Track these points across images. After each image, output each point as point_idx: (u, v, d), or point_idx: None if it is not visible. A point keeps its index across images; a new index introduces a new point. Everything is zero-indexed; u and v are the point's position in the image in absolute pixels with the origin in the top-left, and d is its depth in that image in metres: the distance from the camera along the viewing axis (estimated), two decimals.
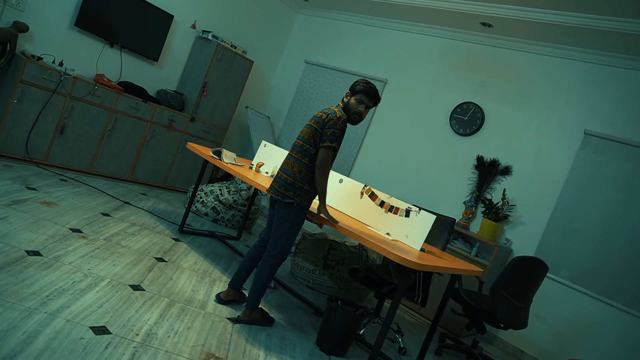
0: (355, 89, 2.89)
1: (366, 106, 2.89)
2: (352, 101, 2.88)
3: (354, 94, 2.90)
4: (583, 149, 4.49)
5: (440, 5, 4.99)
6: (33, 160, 4.46)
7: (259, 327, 2.91)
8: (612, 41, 4.22)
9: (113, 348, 2.06)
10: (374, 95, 2.90)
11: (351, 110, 2.87)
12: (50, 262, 2.63)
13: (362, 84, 2.89)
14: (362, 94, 2.86)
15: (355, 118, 2.89)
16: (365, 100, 2.87)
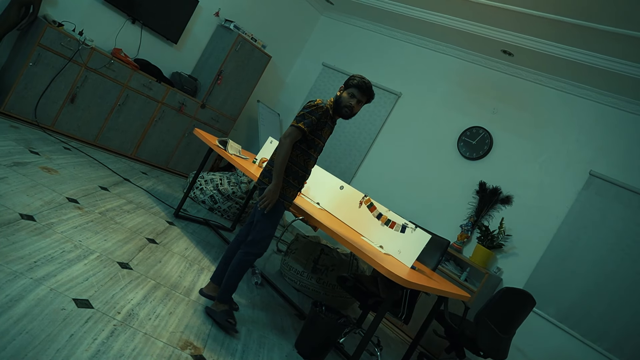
0: (348, 83, 2.84)
1: (358, 100, 2.82)
2: (344, 95, 2.83)
3: (347, 87, 2.85)
4: (586, 189, 4.48)
5: (464, 27, 5.00)
6: (40, 125, 4.46)
7: (242, 322, 2.89)
8: (631, 87, 4.22)
9: (93, 323, 2.05)
10: (367, 90, 2.82)
11: (342, 103, 2.81)
12: (42, 229, 2.63)
13: (356, 78, 2.83)
14: (355, 87, 2.80)
15: (346, 112, 2.82)
16: (357, 94, 2.80)
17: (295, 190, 2.84)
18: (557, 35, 4.21)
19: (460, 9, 4.76)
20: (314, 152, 2.84)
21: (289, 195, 2.81)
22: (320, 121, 2.78)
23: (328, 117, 2.82)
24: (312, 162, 2.87)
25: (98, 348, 1.92)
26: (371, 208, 3.42)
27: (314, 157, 2.86)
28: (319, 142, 2.84)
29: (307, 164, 2.83)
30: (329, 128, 2.89)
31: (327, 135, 2.91)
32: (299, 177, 2.82)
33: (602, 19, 3.66)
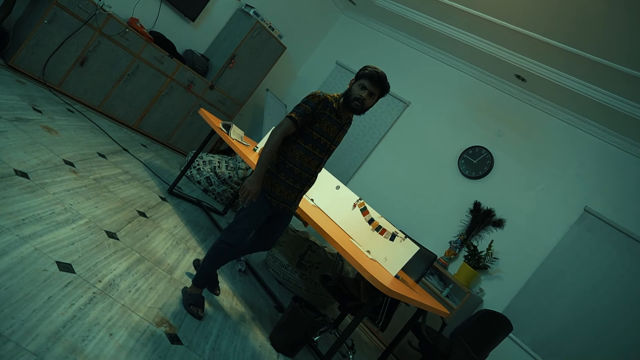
0: (359, 73, 2.59)
1: (370, 93, 2.55)
2: (354, 86, 2.59)
3: (357, 78, 2.60)
4: (579, 224, 4.50)
5: (481, 46, 5.00)
6: (47, 84, 4.44)
7: (220, 307, 2.89)
8: (638, 129, 4.24)
9: (72, 288, 2.05)
10: (380, 81, 2.55)
11: (352, 95, 2.56)
12: (35, 187, 2.63)
13: (368, 67, 2.58)
14: (366, 78, 2.54)
15: (356, 105, 2.56)
16: (368, 85, 2.54)
17: (289, 189, 2.61)
18: (572, 68, 4.22)
19: (480, 27, 4.76)
20: (313, 149, 2.59)
21: (277, 192, 2.59)
22: (317, 112, 2.55)
23: (328, 109, 2.57)
24: (313, 161, 2.61)
25: (74, 313, 1.92)
26: (364, 212, 3.43)
27: (315, 154, 2.61)
28: (319, 137, 2.58)
29: (305, 162, 2.60)
30: (333, 123, 2.60)
31: (333, 131, 2.61)
32: (294, 175, 2.60)
33: (619, 59, 3.68)
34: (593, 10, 3.41)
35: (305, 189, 2.72)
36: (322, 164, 2.70)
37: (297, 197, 2.69)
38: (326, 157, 2.71)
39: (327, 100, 2.58)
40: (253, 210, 2.62)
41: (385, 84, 2.59)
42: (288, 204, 2.67)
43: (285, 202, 2.64)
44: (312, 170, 2.65)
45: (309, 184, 2.71)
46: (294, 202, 2.71)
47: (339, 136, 2.68)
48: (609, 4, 3.27)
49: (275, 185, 2.59)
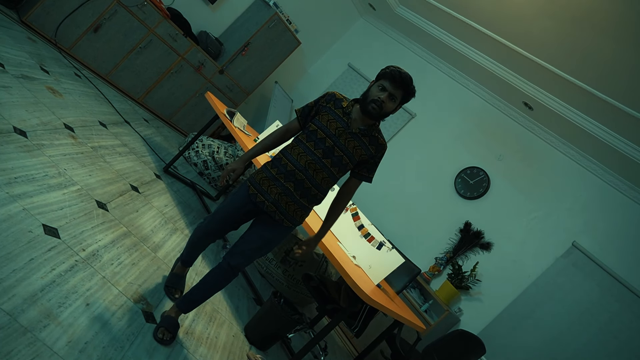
0: (379, 73, 2.31)
1: (390, 95, 2.22)
2: (373, 87, 2.29)
3: (377, 79, 2.31)
4: (565, 257, 4.53)
5: (494, 68, 5.02)
6: (57, 45, 4.42)
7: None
8: (636, 173, 4.26)
9: (55, 253, 2.05)
10: (401, 82, 2.22)
11: (369, 97, 2.25)
12: (32, 147, 2.61)
13: (390, 67, 2.27)
14: (385, 78, 2.24)
15: (372, 108, 2.21)
16: (388, 86, 2.22)
17: (270, 180, 2.28)
18: (580, 103, 4.25)
19: (495, 50, 4.78)
20: (307, 140, 2.26)
21: (257, 179, 2.31)
22: (320, 104, 2.35)
23: (332, 103, 2.32)
24: (303, 153, 2.24)
25: (54, 279, 1.91)
26: (355, 217, 3.44)
27: (308, 147, 2.25)
28: (315, 129, 2.26)
29: (294, 152, 2.26)
30: (337, 119, 2.26)
31: (335, 128, 2.25)
32: (280, 165, 2.27)
33: (628, 102, 3.69)
34: (605, 49, 3.42)
35: (289, 187, 2.25)
36: (316, 162, 2.23)
37: (278, 194, 2.25)
38: (324, 157, 2.24)
39: (334, 95, 2.37)
40: (230, 195, 2.42)
41: (409, 86, 2.26)
42: (265, 196, 2.26)
43: (262, 193, 2.27)
44: (301, 164, 2.23)
45: (296, 181, 2.24)
46: (274, 199, 2.26)
47: (344, 138, 2.25)
48: (622, 48, 3.29)
49: (259, 172, 2.35)
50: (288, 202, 2.28)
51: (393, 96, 2.25)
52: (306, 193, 2.29)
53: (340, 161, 2.27)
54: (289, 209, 2.30)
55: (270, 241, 2.38)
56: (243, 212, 2.36)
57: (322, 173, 2.27)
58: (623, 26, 3.16)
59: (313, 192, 2.30)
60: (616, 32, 3.26)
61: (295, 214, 2.33)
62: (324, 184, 2.31)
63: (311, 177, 2.26)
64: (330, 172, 2.28)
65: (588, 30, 3.45)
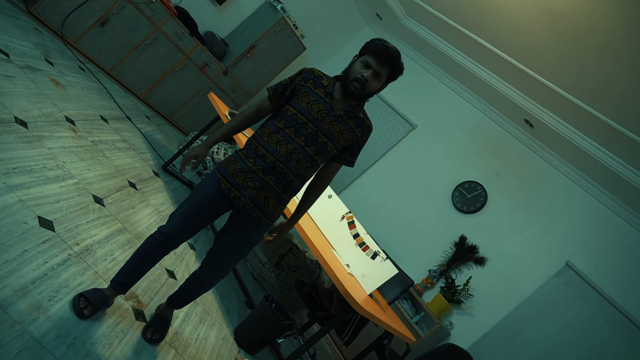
0: (363, 47, 2.06)
1: (374, 72, 1.99)
2: (355, 63, 2.05)
3: (361, 53, 2.08)
4: (558, 276, 4.53)
5: (496, 84, 5.03)
6: (63, 37, 4.43)
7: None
8: (635, 197, 4.27)
9: (49, 246, 2.04)
10: (388, 58, 1.98)
11: (351, 74, 2.01)
12: (31, 139, 2.61)
13: (374, 40, 2.04)
14: (370, 53, 2.01)
15: (355, 87, 1.98)
16: (372, 63, 1.98)
17: (246, 172, 1.99)
18: (580, 123, 4.26)
19: (499, 66, 4.80)
20: (286, 127, 1.98)
21: (229, 171, 2.01)
22: (296, 83, 2.05)
23: (311, 81, 2.04)
24: (283, 142, 1.97)
25: (46, 272, 1.91)
26: (351, 226, 3.44)
27: (288, 134, 1.97)
28: (294, 113, 1.98)
29: (272, 140, 1.98)
30: (318, 100, 2.00)
31: (317, 110, 1.98)
32: (257, 155, 1.99)
33: (628, 124, 3.71)
34: (607, 70, 3.44)
35: (269, 181, 1.98)
36: (298, 151, 1.97)
37: (256, 188, 1.98)
38: (307, 145, 1.98)
39: (311, 72, 2.07)
40: (197, 188, 2.09)
41: (396, 63, 2.01)
42: (241, 191, 1.98)
43: (236, 188, 1.98)
44: (282, 155, 1.96)
45: (276, 174, 1.98)
46: (251, 195, 1.99)
47: (328, 122, 1.99)
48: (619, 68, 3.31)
49: (231, 162, 2.04)
50: (267, 197, 2.01)
51: (378, 74, 2.01)
52: (288, 186, 2.03)
53: (324, 148, 2.02)
54: (268, 204, 2.03)
55: (249, 242, 2.13)
56: (213, 209, 2.05)
57: (305, 163, 2.01)
58: (624, 47, 3.18)
59: (295, 184, 2.05)
60: (615, 52, 3.28)
61: (275, 209, 2.07)
62: (307, 174, 2.06)
63: (294, 168, 1.99)
64: (313, 160, 2.03)
65: (591, 51, 3.47)
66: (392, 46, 2.01)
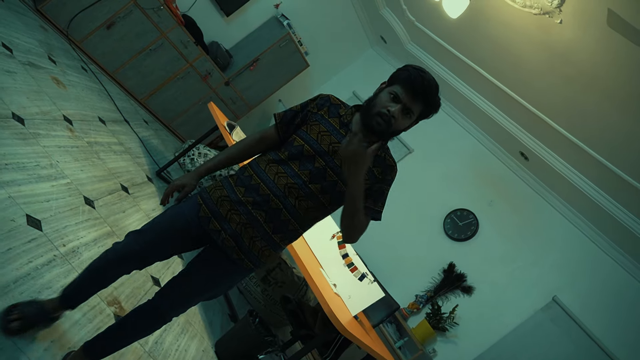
0: (394, 75, 1.74)
1: (404, 107, 1.66)
2: (382, 94, 1.72)
3: (390, 82, 1.75)
4: (544, 311, 4.52)
5: (495, 115, 5.08)
6: (69, 37, 4.44)
7: None
8: (625, 239, 4.28)
9: (35, 245, 2.02)
10: (422, 91, 1.64)
11: (376, 107, 1.68)
12: (27, 136, 2.60)
13: (408, 67, 1.70)
14: (401, 84, 1.66)
15: (377, 124, 1.65)
16: (403, 96, 1.65)
17: (232, 202, 1.68)
18: (578, 162, 4.29)
19: (498, 98, 4.84)
20: (289, 159, 1.69)
21: (214, 197, 1.71)
22: (308, 110, 1.79)
23: (326, 109, 1.78)
24: (283, 174, 1.68)
25: (29, 272, 1.88)
26: (340, 245, 3.42)
27: (290, 167, 1.68)
28: (301, 145, 1.69)
29: (270, 172, 1.69)
30: (331, 131, 1.71)
31: (328, 143, 1.69)
32: (249, 185, 1.69)
33: (622, 166, 3.73)
34: (604, 112, 3.49)
35: (258, 217, 1.67)
36: (299, 187, 1.66)
37: (241, 223, 1.66)
38: (312, 182, 1.67)
39: (328, 99, 1.82)
40: (170, 209, 1.80)
41: (433, 98, 1.70)
42: (222, 224, 1.67)
43: (218, 219, 1.68)
44: (279, 188, 1.66)
45: (269, 210, 1.67)
46: (234, 231, 1.66)
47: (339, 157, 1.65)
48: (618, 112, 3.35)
49: (218, 188, 1.74)
50: (253, 238, 1.68)
51: (409, 110, 1.67)
52: (281, 227, 1.70)
53: (333, 188, 1.68)
54: (253, 246, 1.69)
55: (221, 286, 1.79)
56: (184, 238, 1.73)
57: (306, 202, 1.68)
58: (624, 92, 3.23)
59: (292, 226, 1.71)
60: (612, 94, 3.33)
61: (262, 253, 1.72)
62: (307, 216, 1.72)
63: (291, 206, 1.67)
64: (318, 201, 1.69)
65: (591, 92, 3.52)
66: (430, 77, 1.67)
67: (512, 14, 3.63)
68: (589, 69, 3.36)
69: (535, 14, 3.35)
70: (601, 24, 2.88)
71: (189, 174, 1.83)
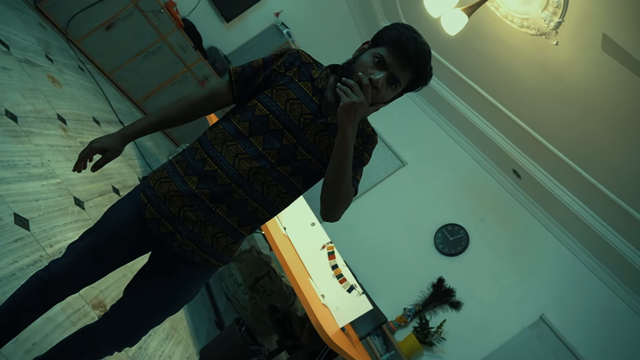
0: (380, 33, 1.41)
1: (391, 75, 1.34)
2: (364, 55, 1.40)
3: (374, 43, 1.42)
4: (532, 329, 4.53)
5: (488, 132, 5.11)
6: (67, 36, 4.43)
7: None
8: (614, 261, 4.30)
9: (21, 245, 2.00)
10: (413, 57, 1.32)
11: (355, 72, 1.34)
12: (19, 133, 2.58)
13: (399, 28, 1.35)
14: (389, 46, 1.34)
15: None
16: (390, 61, 1.33)
17: (183, 195, 1.36)
18: (570, 183, 4.32)
19: (493, 115, 4.88)
20: (249, 133, 1.37)
21: (160, 192, 1.38)
22: (274, 69, 1.42)
23: (296, 68, 1.41)
24: (244, 155, 1.36)
25: (14, 271, 1.86)
26: (330, 256, 3.42)
27: (251, 143, 1.36)
28: (264, 114, 1.37)
29: (227, 152, 1.37)
30: (302, 98, 1.38)
31: (297, 112, 1.36)
32: (202, 172, 1.37)
33: (616, 190, 3.76)
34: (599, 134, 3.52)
35: (220, 212, 1.37)
36: (266, 170, 1.36)
37: (199, 222, 1.37)
38: (280, 164, 1.37)
39: (297, 55, 1.43)
40: (110, 210, 1.48)
41: (425, 66, 1.37)
42: (176, 226, 1.37)
43: (169, 220, 1.37)
44: (241, 174, 1.35)
45: (232, 202, 1.37)
46: (191, 232, 1.38)
47: (313, 131, 1.38)
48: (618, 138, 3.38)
49: (164, 181, 1.40)
50: (216, 235, 1.40)
51: (395, 80, 1.36)
52: (249, 218, 1.42)
53: (306, 167, 1.41)
54: (217, 244, 1.42)
55: (184, 295, 1.48)
56: (133, 246, 1.44)
57: (275, 187, 1.40)
58: (618, 114, 3.26)
59: (260, 215, 1.43)
60: (607, 117, 3.36)
61: (229, 249, 1.46)
62: (279, 202, 1.44)
63: (259, 194, 1.38)
64: (289, 184, 1.41)
65: (585, 113, 3.55)
66: (424, 41, 1.33)
67: (509, 34, 3.67)
68: (583, 91, 3.39)
69: (532, 35, 3.39)
70: (596, 48, 2.91)
71: (112, 134, 1.49)
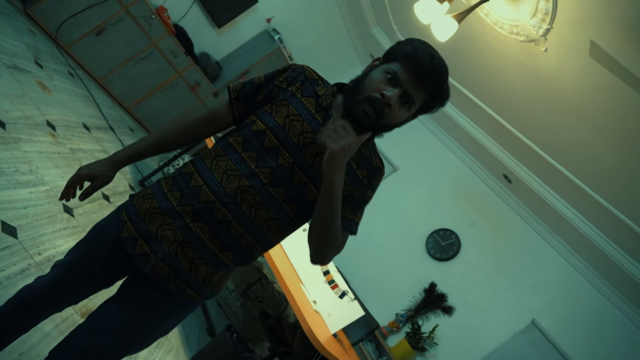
0: (392, 49, 1.29)
1: (404, 93, 1.22)
2: (375, 72, 1.27)
3: (386, 59, 1.29)
4: (523, 334, 4.54)
5: (479, 137, 5.13)
6: (57, 41, 4.41)
7: None
8: (606, 267, 4.32)
9: (9, 253, 1.97)
10: (429, 74, 1.20)
11: (364, 89, 1.23)
12: (7, 140, 2.56)
13: (414, 43, 1.23)
14: (402, 62, 1.22)
15: (366, 112, 1.20)
16: (404, 77, 1.21)
17: (163, 213, 1.25)
18: (560, 188, 4.34)
19: (483, 121, 4.91)
20: (243, 149, 1.25)
21: (140, 210, 1.28)
22: (276, 85, 1.38)
23: (299, 85, 1.33)
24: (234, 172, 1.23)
25: (1, 280, 1.84)
26: None
27: (243, 160, 1.24)
28: (261, 130, 1.26)
29: (216, 169, 1.25)
30: (303, 114, 1.27)
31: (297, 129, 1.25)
32: (186, 189, 1.26)
33: (606, 195, 3.78)
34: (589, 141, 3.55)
35: (199, 232, 1.24)
36: (256, 190, 1.23)
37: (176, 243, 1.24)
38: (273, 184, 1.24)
39: (303, 71, 1.36)
40: (94, 228, 1.43)
41: (442, 86, 1.25)
42: (151, 245, 1.24)
43: (146, 239, 1.25)
44: (227, 192, 1.22)
45: (214, 222, 1.23)
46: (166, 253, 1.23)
47: (313, 152, 1.25)
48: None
49: (147, 198, 1.30)
50: (195, 260, 1.26)
51: (409, 99, 1.23)
52: (232, 243, 1.27)
53: (301, 194, 1.27)
54: (196, 272, 1.27)
55: (153, 327, 1.35)
56: (104, 267, 1.36)
57: (265, 211, 1.25)
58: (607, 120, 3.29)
59: (245, 241, 1.27)
60: (596, 123, 3.40)
61: (210, 280, 1.30)
62: (267, 229, 1.28)
63: (245, 217, 1.24)
64: (281, 209, 1.27)
65: (574, 119, 3.58)
66: (441, 57, 1.22)
67: (499, 40, 3.69)
68: (572, 96, 3.42)
69: (522, 41, 3.42)
70: (584, 54, 2.94)
71: (102, 160, 1.39)
